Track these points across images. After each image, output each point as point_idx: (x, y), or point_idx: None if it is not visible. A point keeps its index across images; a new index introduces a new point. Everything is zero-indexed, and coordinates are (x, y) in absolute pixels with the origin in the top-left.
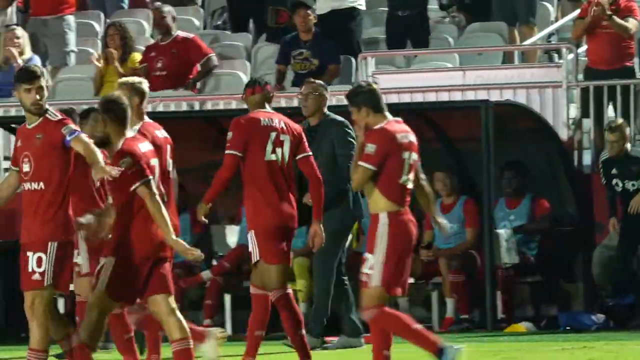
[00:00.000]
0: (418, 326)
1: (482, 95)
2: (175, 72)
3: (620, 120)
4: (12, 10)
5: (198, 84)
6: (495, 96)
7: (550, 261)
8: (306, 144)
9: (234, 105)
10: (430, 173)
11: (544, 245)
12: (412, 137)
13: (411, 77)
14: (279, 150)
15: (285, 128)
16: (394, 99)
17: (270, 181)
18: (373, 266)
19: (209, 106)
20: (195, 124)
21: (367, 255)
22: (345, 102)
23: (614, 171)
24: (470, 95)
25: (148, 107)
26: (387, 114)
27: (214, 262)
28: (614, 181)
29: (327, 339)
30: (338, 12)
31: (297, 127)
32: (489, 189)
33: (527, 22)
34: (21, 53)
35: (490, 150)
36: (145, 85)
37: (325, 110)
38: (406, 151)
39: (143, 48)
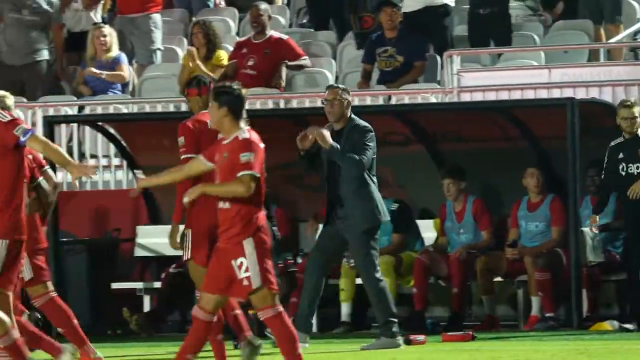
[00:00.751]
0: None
1: (567, 93)
2: (266, 72)
3: (633, 99)
4: (100, 9)
5: (283, 82)
6: (580, 94)
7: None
8: None
9: (319, 103)
10: (521, 170)
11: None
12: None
13: (496, 75)
14: None
15: None
16: (479, 97)
17: (212, 181)
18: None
19: (294, 104)
20: (281, 122)
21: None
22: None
23: (620, 155)
24: (556, 93)
25: None
26: (242, 124)
27: (299, 260)
28: (620, 166)
29: (412, 336)
30: (431, 9)
31: None
32: (574, 187)
33: (613, 21)
34: (108, 51)
35: (575, 148)
36: None
37: (349, 113)
38: None
39: (229, 47)
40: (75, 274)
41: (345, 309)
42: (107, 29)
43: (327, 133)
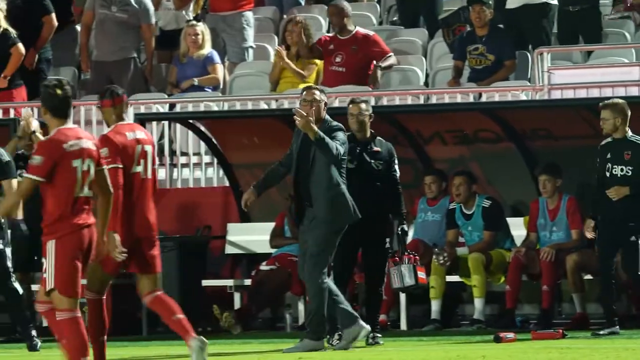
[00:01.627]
0: None
1: None
2: (354, 69)
3: (617, 100)
4: (192, 7)
5: (379, 84)
6: None
7: None
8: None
9: (409, 100)
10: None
11: None
12: (86, 144)
13: (587, 73)
14: (142, 161)
15: (146, 138)
16: (569, 94)
17: (134, 192)
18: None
19: (384, 102)
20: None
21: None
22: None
23: (609, 156)
24: None
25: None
26: (68, 121)
27: None
28: (607, 166)
29: (502, 334)
30: (530, 7)
31: (151, 137)
32: None
33: None
34: (200, 48)
35: None
36: None
37: (325, 115)
38: (77, 159)
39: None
40: (166, 272)
41: (435, 306)
42: (200, 27)
43: (311, 120)
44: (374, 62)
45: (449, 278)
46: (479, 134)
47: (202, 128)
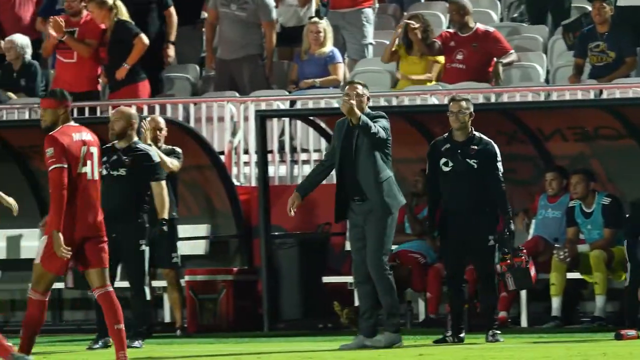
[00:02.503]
0: None
1: None
2: (475, 66)
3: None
4: (313, 3)
5: (502, 81)
6: None
7: None
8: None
9: (530, 97)
10: None
11: None
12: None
13: None
14: (89, 162)
15: (92, 140)
16: None
17: (79, 193)
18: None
19: (505, 98)
20: (492, 117)
21: None
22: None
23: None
24: None
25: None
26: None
27: None
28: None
29: (623, 331)
30: None
31: (97, 139)
32: None
33: None
34: (322, 46)
35: None
36: None
37: (367, 109)
38: None
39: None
40: (286, 268)
41: (555, 303)
42: (322, 24)
43: (354, 105)
44: (495, 59)
45: (570, 275)
46: (599, 130)
47: (323, 124)
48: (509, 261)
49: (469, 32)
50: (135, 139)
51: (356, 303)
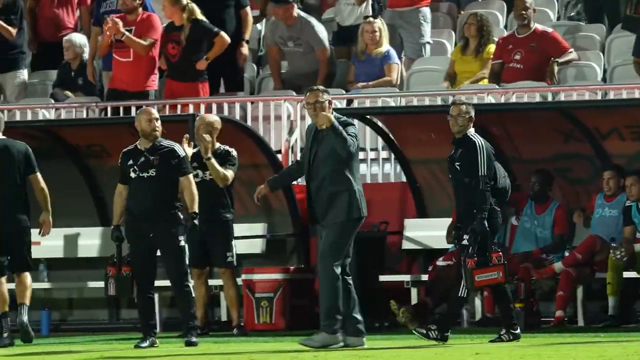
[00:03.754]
0: None
1: None
2: (532, 66)
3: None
4: (370, 2)
5: (557, 80)
6: None
7: None
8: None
9: (587, 96)
10: None
11: None
12: None
13: None
14: None
15: None
16: None
17: None
18: None
19: (562, 97)
20: (549, 116)
21: None
22: None
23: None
24: None
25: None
26: None
27: (566, 254)
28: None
29: None
30: None
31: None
32: None
33: None
34: (378, 45)
35: None
36: None
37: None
38: None
39: (496, 39)
40: None
41: (611, 302)
42: (378, 23)
43: (328, 113)
44: (552, 58)
45: (626, 274)
46: None
47: (380, 124)
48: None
49: (528, 32)
50: (159, 137)
51: (413, 302)
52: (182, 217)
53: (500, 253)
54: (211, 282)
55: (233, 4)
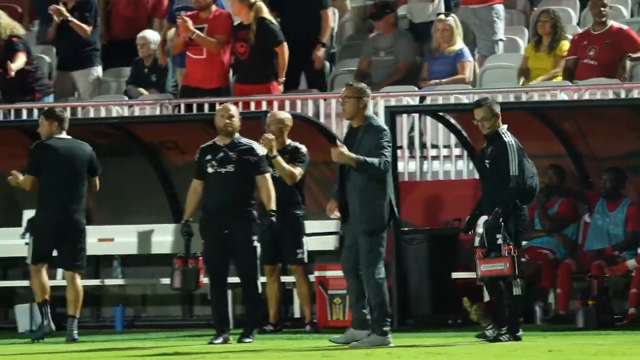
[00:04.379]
0: None
1: None
2: (607, 62)
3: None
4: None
5: (627, 75)
6: None
7: None
8: None
9: None
10: None
11: None
12: None
13: None
14: None
15: None
16: None
17: None
18: None
19: (635, 94)
20: (622, 113)
21: None
22: None
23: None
24: None
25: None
26: None
27: (639, 251)
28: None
29: None
30: None
31: None
32: None
33: None
34: (451, 43)
35: None
36: None
37: (367, 113)
38: None
39: (570, 36)
40: (415, 264)
41: None
42: (450, 20)
43: (344, 151)
44: (625, 54)
45: None
46: None
47: (452, 120)
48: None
49: (603, 29)
50: (237, 134)
51: (486, 299)
52: (256, 215)
53: (511, 246)
54: (284, 278)
55: (312, 3)
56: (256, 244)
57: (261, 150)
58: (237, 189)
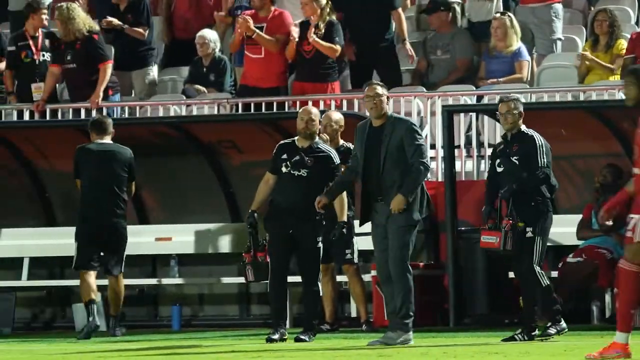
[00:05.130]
0: None
1: None
2: None
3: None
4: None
5: None
6: None
7: None
8: None
9: None
10: None
11: None
12: None
13: None
14: None
15: None
16: None
17: None
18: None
19: None
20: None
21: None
22: None
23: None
24: None
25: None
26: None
27: None
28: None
29: None
30: None
31: None
32: None
33: None
34: (509, 42)
35: None
36: None
37: (388, 111)
38: None
39: (628, 35)
40: (472, 263)
41: None
42: (506, 19)
43: (400, 200)
44: None
45: None
46: None
47: None
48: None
49: None
50: (317, 139)
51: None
52: (324, 220)
53: (510, 221)
54: (340, 278)
55: (378, 2)
56: (320, 245)
57: (338, 159)
58: (307, 193)
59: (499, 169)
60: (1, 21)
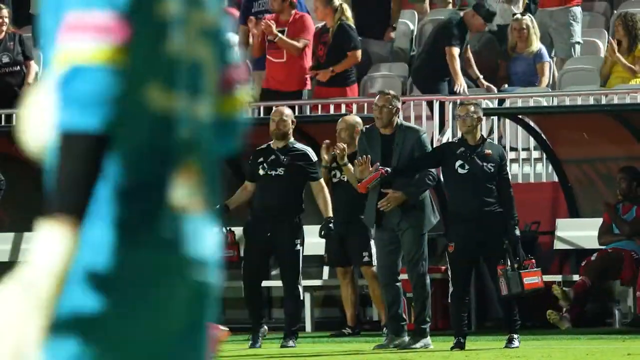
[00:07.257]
0: None
1: None
2: None
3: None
4: (521, 1)
5: None
6: None
7: None
8: None
9: None
10: None
11: None
12: None
13: None
14: None
15: None
16: None
17: None
18: None
19: None
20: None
21: None
22: None
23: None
24: None
25: None
26: None
27: None
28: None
29: None
30: None
31: None
32: None
33: None
34: (528, 44)
35: None
36: None
37: (397, 119)
38: None
39: None
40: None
41: None
42: (526, 21)
43: (398, 195)
44: None
45: None
46: None
47: (531, 123)
48: (504, 266)
49: None
50: (292, 139)
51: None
52: (302, 224)
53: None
54: (362, 281)
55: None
56: (299, 247)
57: (315, 156)
58: (286, 192)
59: (462, 171)
60: (24, 24)
